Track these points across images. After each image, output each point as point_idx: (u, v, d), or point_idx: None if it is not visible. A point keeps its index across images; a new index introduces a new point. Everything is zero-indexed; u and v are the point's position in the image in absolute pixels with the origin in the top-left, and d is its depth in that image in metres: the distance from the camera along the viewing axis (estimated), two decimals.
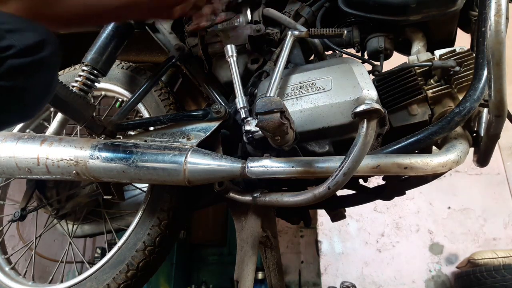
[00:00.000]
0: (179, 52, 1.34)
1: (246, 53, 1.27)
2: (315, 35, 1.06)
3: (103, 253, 3.86)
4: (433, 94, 0.99)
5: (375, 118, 0.76)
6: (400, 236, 3.30)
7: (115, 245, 1.21)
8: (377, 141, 1.02)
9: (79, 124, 1.15)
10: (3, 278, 1.35)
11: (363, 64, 1.04)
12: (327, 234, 3.42)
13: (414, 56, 1.06)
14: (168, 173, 1.00)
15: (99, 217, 1.49)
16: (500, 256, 2.62)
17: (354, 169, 0.80)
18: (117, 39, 1.33)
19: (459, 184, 3.30)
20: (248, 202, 1.05)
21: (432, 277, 3.12)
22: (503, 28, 0.73)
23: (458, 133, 0.94)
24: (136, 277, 1.14)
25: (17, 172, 1.17)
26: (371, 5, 1.09)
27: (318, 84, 0.98)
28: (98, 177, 1.09)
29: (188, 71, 1.38)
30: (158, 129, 1.19)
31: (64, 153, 1.10)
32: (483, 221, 3.19)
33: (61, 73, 1.54)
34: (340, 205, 1.30)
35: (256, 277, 1.98)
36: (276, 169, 0.93)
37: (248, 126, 0.98)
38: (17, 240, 1.79)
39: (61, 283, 1.26)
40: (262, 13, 1.29)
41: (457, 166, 0.90)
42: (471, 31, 1.18)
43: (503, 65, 0.76)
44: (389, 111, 1.02)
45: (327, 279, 3.28)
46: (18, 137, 1.19)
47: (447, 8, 1.03)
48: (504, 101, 0.82)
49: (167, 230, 1.19)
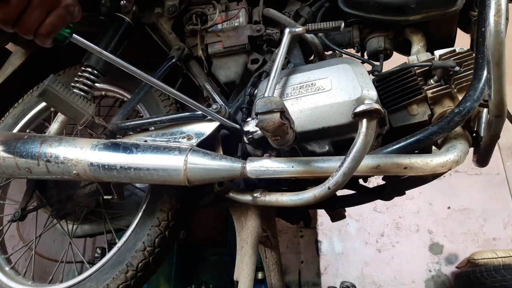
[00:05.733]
0: (179, 52, 1.34)
1: (246, 53, 1.27)
2: (313, 30, 1.06)
3: (103, 253, 3.86)
4: (433, 94, 0.99)
5: (375, 118, 0.76)
6: (400, 236, 3.30)
7: (115, 245, 1.21)
8: (377, 141, 1.02)
9: (79, 124, 1.16)
10: (3, 277, 1.35)
11: (363, 64, 1.04)
12: (327, 234, 3.41)
13: (414, 56, 1.06)
14: (168, 173, 1.00)
15: (99, 217, 1.49)
16: (500, 256, 2.61)
17: (354, 169, 0.80)
18: (117, 39, 1.33)
19: (459, 184, 3.30)
20: (248, 202, 1.05)
21: (432, 277, 3.12)
22: (503, 28, 0.73)
23: (458, 133, 0.94)
24: (135, 277, 1.14)
25: (17, 172, 1.17)
26: (371, 5, 1.09)
27: (318, 84, 0.98)
28: (98, 177, 1.09)
29: (188, 71, 1.38)
30: (158, 129, 1.19)
31: (64, 153, 1.10)
32: (483, 221, 3.19)
33: (61, 73, 1.54)
34: (340, 205, 1.30)
35: (256, 277, 1.98)
36: (276, 169, 0.93)
37: (247, 126, 0.98)
38: (17, 240, 1.79)
39: (61, 283, 1.26)
40: (262, 13, 1.29)
41: (457, 166, 0.90)
42: (471, 31, 1.18)
43: (503, 65, 0.76)
44: (389, 111, 1.02)
45: (327, 279, 3.28)
46: (18, 137, 1.19)
47: (447, 8, 1.03)
48: (504, 101, 0.82)
49: (167, 231, 1.19)
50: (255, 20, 1.29)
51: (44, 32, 0.72)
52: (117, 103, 1.55)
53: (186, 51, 1.35)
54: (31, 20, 0.70)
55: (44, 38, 0.73)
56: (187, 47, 1.36)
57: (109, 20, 1.36)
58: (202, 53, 1.31)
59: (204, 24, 1.32)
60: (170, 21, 1.39)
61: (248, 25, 1.28)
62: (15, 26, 0.71)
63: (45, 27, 0.72)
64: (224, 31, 1.29)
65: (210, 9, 1.34)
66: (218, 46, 1.28)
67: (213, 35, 1.30)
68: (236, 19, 1.30)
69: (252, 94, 1.12)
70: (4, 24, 0.70)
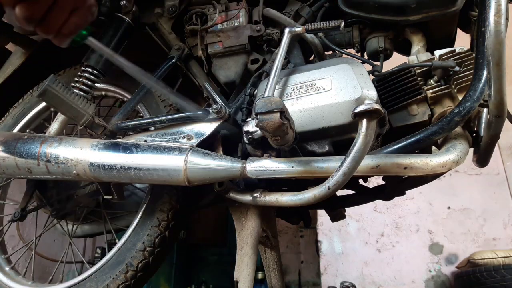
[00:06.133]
0: (179, 52, 1.34)
1: (246, 53, 1.27)
2: (312, 30, 1.06)
3: (103, 253, 3.86)
4: (433, 94, 0.99)
5: (375, 118, 0.76)
6: (400, 236, 3.30)
7: (115, 245, 1.21)
8: (377, 141, 1.02)
9: (79, 124, 1.16)
10: (3, 278, 1.35)
11: (363, 64, 1.04)
12: (327, 234, 3.42)
13: (414, 56, 1.06)
14: (168, 173, 1.00)
15: (99, 217, 1.49)
16: (500, 256, 2.62)
17: (354, 169, 0.80)
18: (117, 39, 1.33)
19: (459, 184, 3.30)
20: (248, 202, 1.05)
21: (432, 277, 3.12)
22: (503, 28, 0.73)
23: (458, 133, 0.94)
24: (135, 277, 1.14)
25: (17, 172, 1.17)
26: (371, 5, 1.09)
27: (318, 84, 0.98)
28: (98, 177, 1.09)
29: (188, 71, 1.38)
30: (158, 129, 1.19)
31: (64, 153, 1.10)
32: (483, 221, 3.19)
33: (61, 73, 1.54)
34: (340, 205, 1.30)
35: (256, 277, 1.98)
36: (276, 169, 0.93)
37: (247, 126, 0.98)
38: (17, 240, 1.79)
39: (61, 283, 1.26)
40: (262, 13, 1.29)
41: (457, 166, 0.89)
42: (471, 31, 1.18)
43: (503, 65, 0.76)
44: (389, 111, 1.02)
45: (327, 279, 3.28)
46: (18, 137, 1.19)
47: (447, 8, 1.03)
48: (504, 101, 0.82)
49: (167, 231, 1.19)
50: (255, 20, 1.29)
51: (67, 32, 0.71)
52: (117, 103, 1.55)
53: (186, 51, 1.35)
54: (56, 19, 0.69)
55: (65, 37, 0.72)
56: (187, 47, 1.36)
57: (109, 20, 1.36)
58: (202, 53, 1.31)
59: (204, 24, 1.32)
60: (170, 21, 1.39)
61: (248, 25, 1.28)
62: (39, 24, 0.69)
63: (68, 26, 0.71)
64: (224, 31, 1.29)
65: (210, 9, 1.34)
66: (218, 46, 1.29)
67: (213, 35, 1.30)
68: (236, 19, 1.30)
69: (252, 94, 1.12)
70: (29, 22, 0.68)
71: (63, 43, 0.74)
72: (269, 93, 0.96)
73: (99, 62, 1.28)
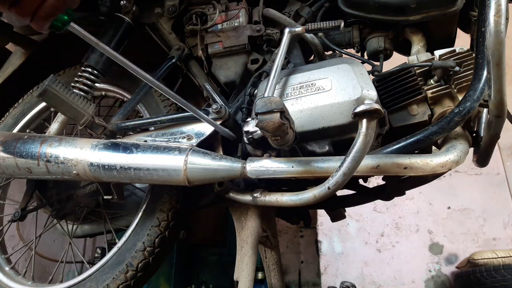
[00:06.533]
0: (179, 52, 1.34)
1: (246, 53, 1.27)
2: (312, 29, 1.06)
3: (103, 253, 3.86)
4: (433, 94, 0.99)
5: (375, 118, 0.76)
6: (400, 236, 3.30)
7: (115, 245, 1.21)
8: (377, 141, 1.02)
9: (79, 124, 1.16)
10: (3, 277, 1.35)
11: (363, 64, 1.04)
12: (327, 234, 3.41)
13: (414, 56, 1.06)
14: (168, 173, 1.00)
15: (99, 217, 1.49)
16: (500, 256, 2.62)
17: (354, 169, 0.80)
18: (117, 39, 1.33)
19: (459, 184, 3.30)
20: (248, 202, 1.05)
21: (432, 277, 3.12)
22: (503, 28, 0.73)
23: (458, 133, 0.94)
24: (135, 277, 1.14)
25: (17, 172, 1.17)
26: (371, 5, 1.09)
27: (318, 84, 0.98)
28: (98, 177, 1.09)
29: (188, 71, 1.38)
30: (158, 129, 1.19)
31: (64, 153, 1.10)
32: (483, 221, 3.19)
33: (61, 73, 1.54)
34: (340, 205, 1.30)
35: (256, 277, 1.98)
36: (276, 169, 0.93)
37: (247, 126, 0.98)
38: (17, 240, 1.79)
39: (61, 283, 1.26)
40: (262, 13, 1.29)
41: (457, 166, 0.90)
42: (471, 31, 1.18)
43: (503, 65, 0.76)
44: (389, 111, 1.02)
45: (327, 279, 3.28)
46: (18, 137, 1.19)
47: (447, 8, 1.03)
48: (504, 101, 0.82)
49: (167, 231, 1.19)
50: (255, 20, 1.29)
51: (43, 14, 0.68)
52: (117, 103, 1.55)
53: (186, 51, 1.35)
54: (31, 0, 0.66)
55: (42, 21, 0.69)
56: (187, 47, 1.36)
57: (109, 20, 1.36)
58: (202, 53, 1.31)
59: (204, 24, 1.32)
60: (170, 21, 1.39)
61: (248, 25, 1.28)
62: (13, 5, 0.66)
63: (45, 9, 0.68)
64: (224, 31, 1.29)
65: (210, 9, 1.34)
66: (218, 46, 1.29)
67: (213, 35, 1.30)
68: (236, 19, 1.30)
69: (252, 94, 1.12)
70: (2, 3, 0.65)
71: (42, 27, 0.71)
72: (269, 93, 0.96)
73: (99, 62, 1.28)
